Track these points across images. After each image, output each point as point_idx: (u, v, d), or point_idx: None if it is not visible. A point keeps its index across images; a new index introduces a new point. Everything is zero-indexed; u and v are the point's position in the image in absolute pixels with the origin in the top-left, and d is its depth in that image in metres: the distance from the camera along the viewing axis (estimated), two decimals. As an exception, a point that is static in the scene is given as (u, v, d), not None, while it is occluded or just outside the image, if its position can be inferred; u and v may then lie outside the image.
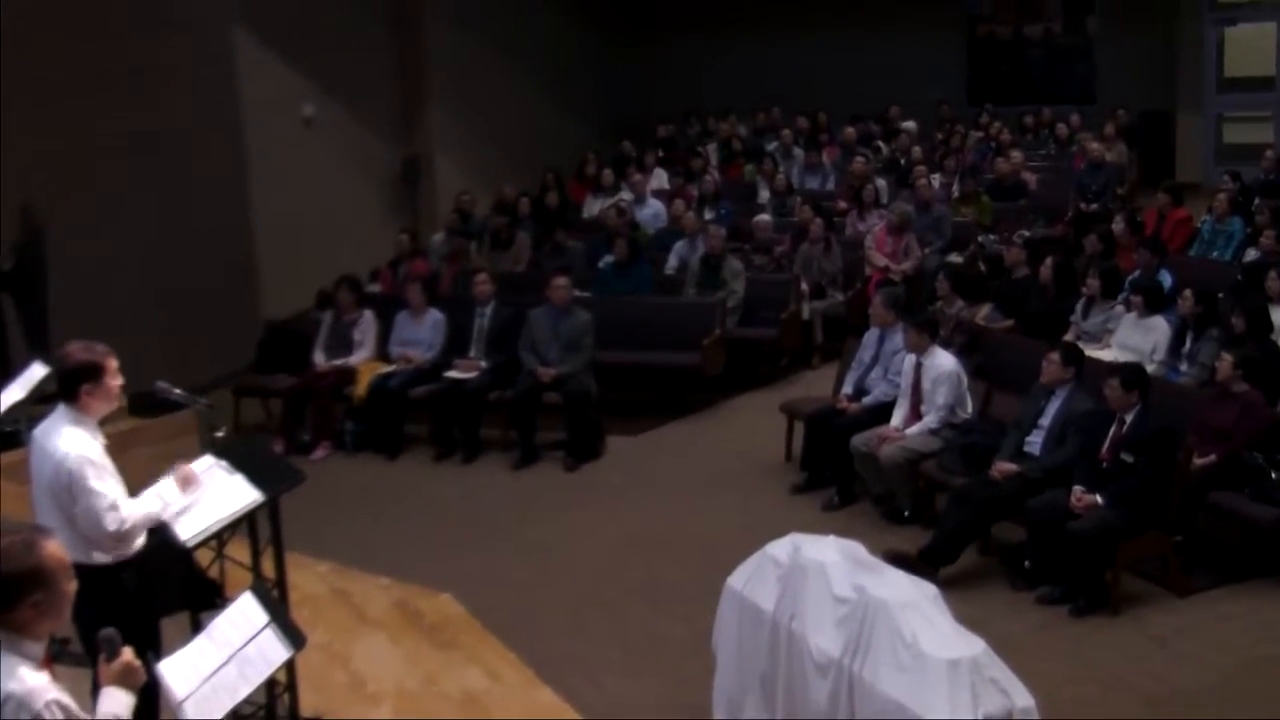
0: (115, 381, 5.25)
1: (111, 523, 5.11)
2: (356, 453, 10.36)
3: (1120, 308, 9.89)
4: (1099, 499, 7.04)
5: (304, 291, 12.57)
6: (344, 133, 15.02)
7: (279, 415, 10.71)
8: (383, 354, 10.75)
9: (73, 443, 5.12)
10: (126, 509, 5.17)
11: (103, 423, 5.34)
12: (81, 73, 10.48)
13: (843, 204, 14.43)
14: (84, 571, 3.97)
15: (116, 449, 5.37)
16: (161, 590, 5.57)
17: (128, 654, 3.66)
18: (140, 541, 5.32)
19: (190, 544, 5.41)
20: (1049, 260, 10.73)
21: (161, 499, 5.33)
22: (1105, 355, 9.17)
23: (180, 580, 5.89)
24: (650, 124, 19.12)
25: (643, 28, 21.80)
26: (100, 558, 5.16)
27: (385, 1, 15.83)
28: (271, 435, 10.42)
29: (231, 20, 12.66)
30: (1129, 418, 7.22)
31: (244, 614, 4.40)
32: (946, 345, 9.15)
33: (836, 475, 8.79)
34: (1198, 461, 7.39)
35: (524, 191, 14.58)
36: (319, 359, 10.67)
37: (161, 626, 5.52)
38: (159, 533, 5.43)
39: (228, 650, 4.27)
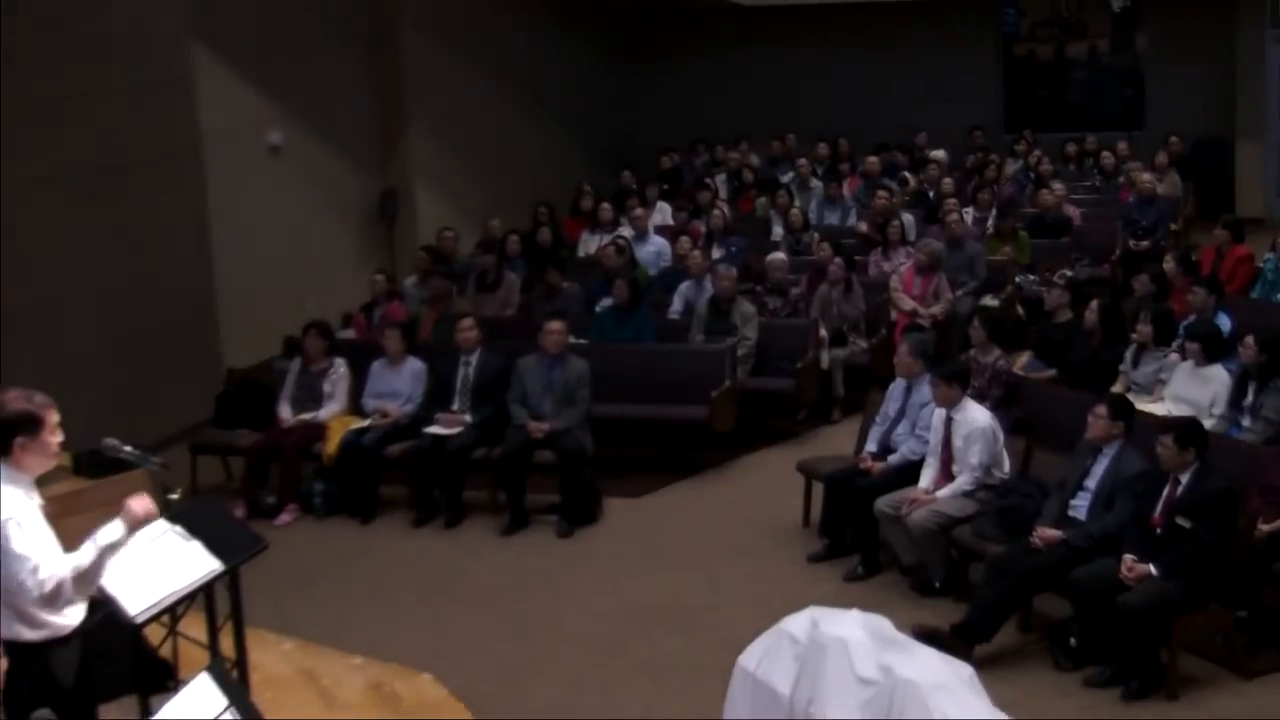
0: (54, 438, 5.23)
1: (33, 587, 5.04)
2: (326, 517, 10.34)
3: (1174, 356, 9.90)
4: (1152, 569, 7.02)
5: (269, 338, 12.57)
6: (314, 163, 15.07)
7: (240, 475, 10.70)
8: (356, 407, 10.76)
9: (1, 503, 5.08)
10: (49, 569, 5.08)
11: (43, 483, 5.33)
12: (21, 97, 10.51)
13: (863, 227, 14.49)
14: (12, 649, 3.94)
15: (59, 513, 5.36)
16: (106, 671, 5.54)
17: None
18: (79, 616, 5.28)
19: (139, 619, 5.39)
20: (1094, 303, 10.75)
21: (95, 545, 5.22)
22: (1158, 409, 9.17)
23: (127, 660, 5.86)
24: (653, 153, 19.21)
25: (644, 48, 21.94)
26: (28, 634, 5.09)
27: (360, 20, 15.94)
28: (232, 497, 10.39)
29: (190, 38, 12.71)
30: (1185, 478, 7.21)
31: (199, 698, 4.38)
32: (981, 398, 9.16)
33: (859, 542, 8.78)
34: (1263, 527, 7.37)
35: (513, 228, 14.61)
36: (285, 413, 10.67)
37: (105, 711, 5.50)
38: (103, 606, 5.40)
39: (181, 738, 4.25)
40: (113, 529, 5.28)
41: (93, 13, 11.36)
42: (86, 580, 5.19)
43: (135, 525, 5.33)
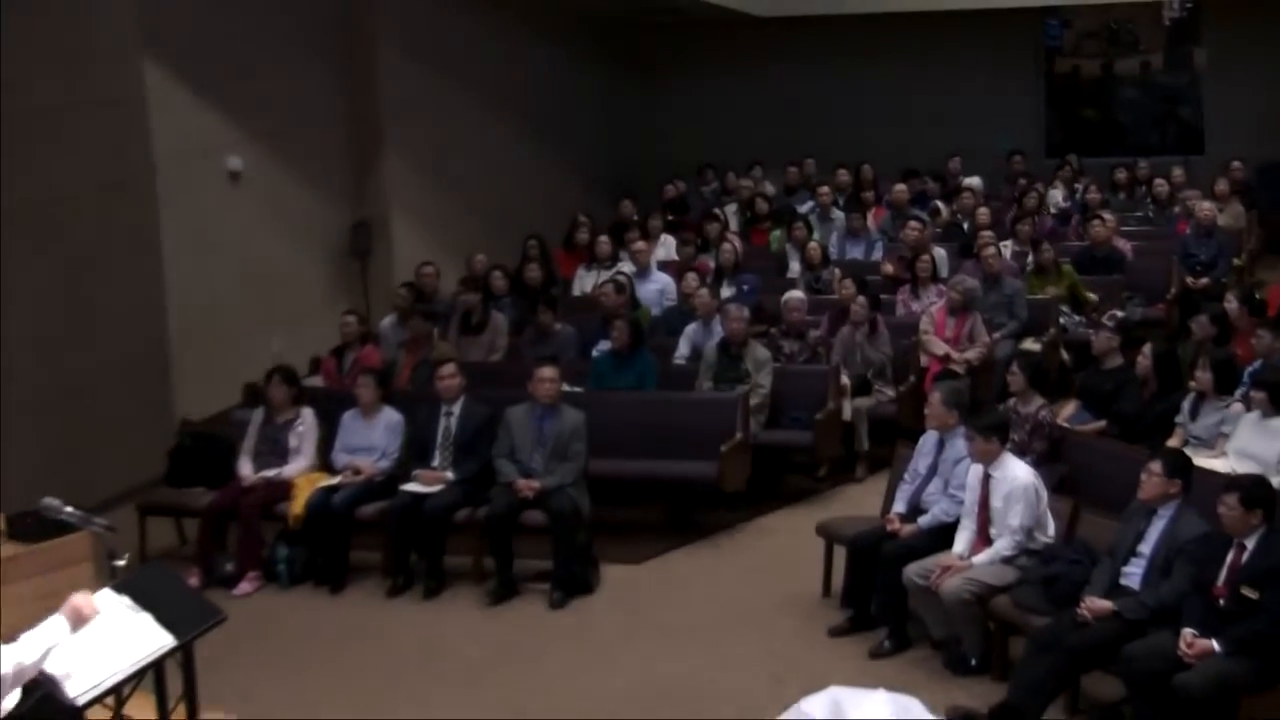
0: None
1: None
2: (291, 586, 10.32)
3: (1238, 406, 9.89)
4: (1215, 645, 7.00)
5: (227, 386, 12.58)
6: (279, 190, 15.11)
7: (195, 539, 10.68)
8: (325, 463, 10.76)
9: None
10: None
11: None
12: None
13: (890, 267, 14.51)
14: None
15: (-7, 582, 5.35)
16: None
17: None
18: (14, 699, 5.26)
19: (80, 702, 5.36)
20: (1148, 347, 10.75)
21: (40, 644, 5.23)
22: (1220, 465, 9.16)
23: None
24: (656, 180, 19.26)
25: (648, 64, 22.05)
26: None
27: (331, 34, 16.01)
28: (186, 564, 10.37)
29: (140, 52, 12.75)
30: (1251, 543, 7.20)
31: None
32: (1021, 453, 9.16)
33: (886, 614, 8.75)
34: (1338, 598, 7.35)
35: (495, 264, 14.56)
36: (245, 469, 10.67)
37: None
38: (41, 687, 5.38)
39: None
40: (58, 627, 5.28)
41: (29, 24, 11.36)
42: (23, 679, 5.20)
43: (79, 624, 5.33)
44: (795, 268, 15.18)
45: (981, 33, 20.46)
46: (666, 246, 16.18)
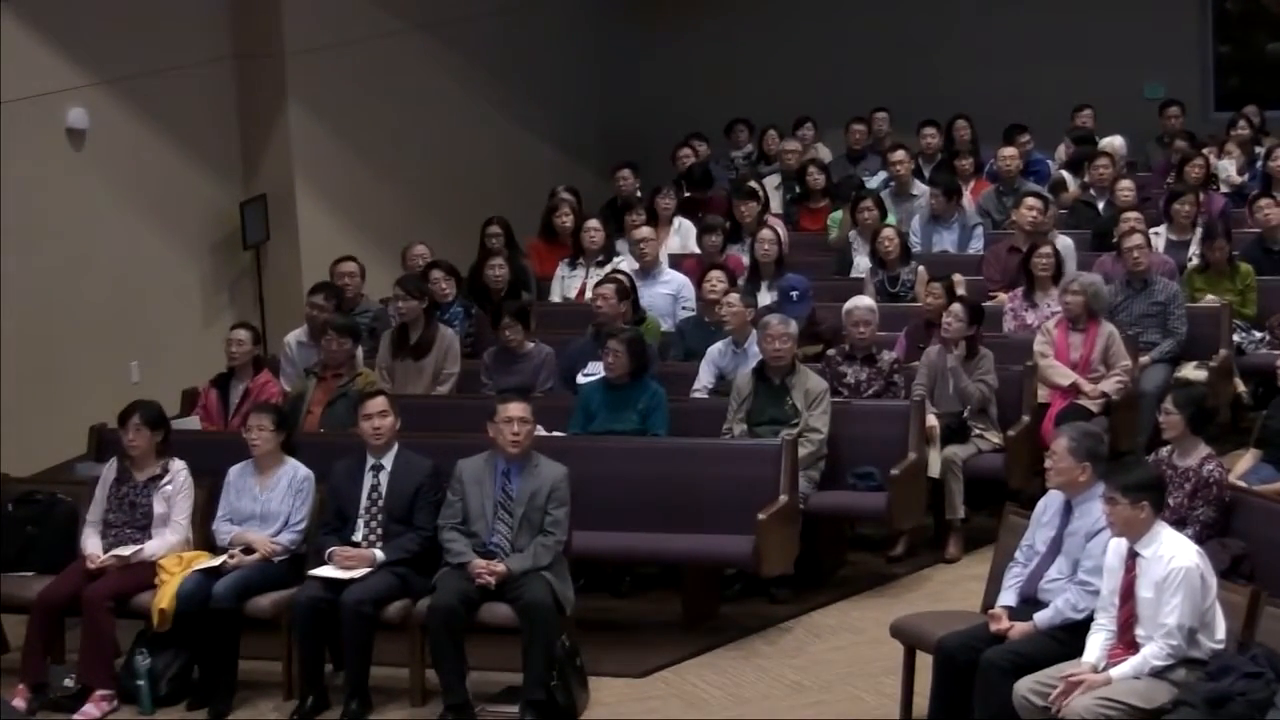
0: None
1: None
2: (156, 709, 10.30)
3: None
4: None
5: (67, 429, 12.58)
6: (139, 156, 15.11)
7: (22, 644, 10.68)
8: (204, 537, 10.75)
9: None
10: None
11: None
12: None
13: (996, 283, 14.52)
14: None
15: None
16: None
17: None
18: None
19: None
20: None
21: None
22: None
23: None
24: (667, 143, 19.27)
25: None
26: None
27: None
28: (8, 679, 10.38)
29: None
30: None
31: None
32: (1180, 523, 9.15)
33: (991, 747, 8.77)
34: None
35: (436, 261, 14.51)
36: (92, 546, 10.66)
37: None
38: None
39: None
40: None
41: None
42: None
43: None
44: (862, 264, 15.19)
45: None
46: (682, 235, 16.21)
